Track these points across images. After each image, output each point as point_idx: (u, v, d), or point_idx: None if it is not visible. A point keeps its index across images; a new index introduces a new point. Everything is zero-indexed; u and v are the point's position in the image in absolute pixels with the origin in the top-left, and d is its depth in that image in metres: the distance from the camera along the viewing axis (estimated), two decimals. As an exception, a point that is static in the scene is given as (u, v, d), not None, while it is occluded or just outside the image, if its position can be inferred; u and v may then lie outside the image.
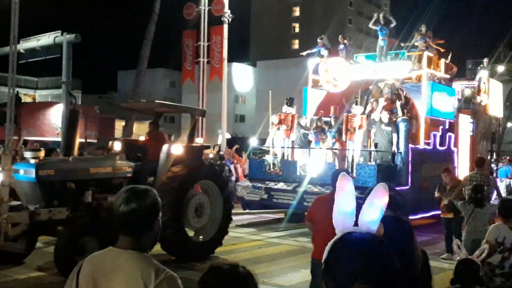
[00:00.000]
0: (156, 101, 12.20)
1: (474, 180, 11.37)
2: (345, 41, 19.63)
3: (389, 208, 1.96)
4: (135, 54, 30.91)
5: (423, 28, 18.02)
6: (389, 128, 15.61)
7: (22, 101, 41.53)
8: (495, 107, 21.85)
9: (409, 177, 15.96)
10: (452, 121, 18.67)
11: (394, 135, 15.74)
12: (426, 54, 17.40)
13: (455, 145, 18.81)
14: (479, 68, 21.52)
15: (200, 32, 26.64)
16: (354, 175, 15.33)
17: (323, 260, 1.78)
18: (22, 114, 36.01)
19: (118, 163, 10.75)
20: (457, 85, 20.53)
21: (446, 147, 18.22)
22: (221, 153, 21.72)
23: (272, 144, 17.38)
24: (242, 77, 72.72)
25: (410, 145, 16.16)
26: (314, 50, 19.74)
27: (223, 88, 26.73)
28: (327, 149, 16.33)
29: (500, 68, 56.48)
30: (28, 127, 37.61)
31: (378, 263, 1.71)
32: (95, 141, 43.25)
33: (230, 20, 26.18)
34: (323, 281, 1.76)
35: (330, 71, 18.26)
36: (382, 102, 16.34)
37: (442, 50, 18.64)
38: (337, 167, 15.91)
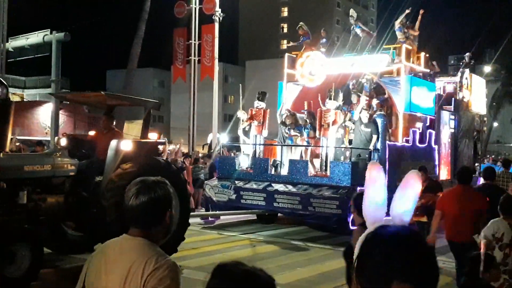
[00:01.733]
0: (102, 92, 10.89)
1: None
2: (327, 35, 18.52)
3: None
4: (124, 53, 30.45)
5: (403, 19, 16.77)
6: (369, 129, 14.41)
7: (11, 100, 40.11)
8: (477, 104, 20.74)
9: (386, 175, 14.76)
10: (433, 117, 17.51)
11: (375, 136, 14.57)
12: (405, 46, 16.20)
13: (436, 142, 17.66)
14: (461, 63, 20.36)
15: (191, 31, 26.13)
16: (328, 173, 14.14)
17: (355, 257, 1.62)
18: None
19: (59, 160, 9.47)
20: (439, 81, 19.37)
21: (426, 144, 17.06)
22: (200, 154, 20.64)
23: (243, 140, 16.12)
24: (231, 76, 71.59)
25: (387, 142, 14.99)
26: (299, 42, 18.57)
27: (214, 87, 26.05)
28: (294, 145, 15.13)
29: (487, 69, 55.81)
30: (17, 127, 36.77)
31: (418, 259, 1.52)
32: (84, 139, 42.37)
33: (221, 18, 25.70)
34: (356, 279, 1.57)
35: (306, 65, 17.03)
36: (363, 100, 15.10)
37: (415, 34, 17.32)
38: (309, 165, 14.71)
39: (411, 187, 1.82)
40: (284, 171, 15.00)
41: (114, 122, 10.83)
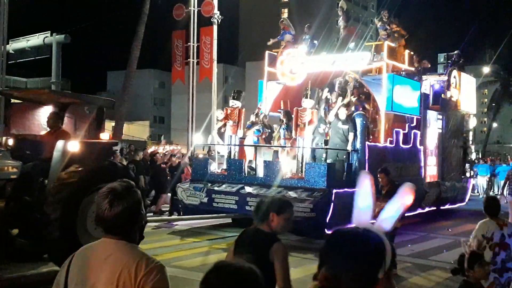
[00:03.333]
0: (46, 89, 10.10)
1: None
2: (310, 31, 17.69)
3: None
4: (124, 55, 29.87)
5: (385, 15, 15.91)
6: (346, 127, 13.57)
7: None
8: (467, 103, 19.83)
9: (366, 177, 13.91)
10: (418, 117, 16.65)
11: (351, 134, 13.73)
12: (387, 44, 15.33)
13: (422, 143, 16.79)
14: (450, 61, 19.47)
15: (189, 33, 25.89)
16: (303, 174, 13.30)
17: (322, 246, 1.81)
18: (11, 114, 34.10)
19: (-2, 162, 8.69)
20: (426, 80, 18.51)
21: (411, 145, 16.20)
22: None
23: (218, 141, 15.28)
24: (231, 77, 70.83)
25: (368, 143, 14.14)
26: (279, 38, 17.75)
27: (212, 89, 25.81)
28: (268, 146, 14.30)
29: (486, 69, 54.81)
30: (18, 127, 36.19)
31: (362, 261, 1.71)
32: (84, 140, 41.92)
33: (219, 21, 25.46)
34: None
35: (286, 63, 16.18)
36: (339, 99, 14.28)
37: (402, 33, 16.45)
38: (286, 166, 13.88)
39: (400, 198, 1.87)
40: (260, 173, 14.14)
41: (64, 121, 10.04)
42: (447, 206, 18.79)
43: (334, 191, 12.60)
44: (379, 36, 15.90)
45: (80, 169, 8.79)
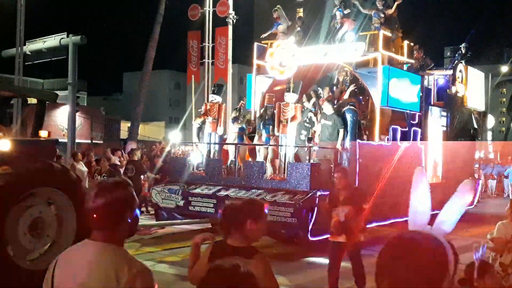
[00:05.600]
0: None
1: None
2: (302, 24, 16.32)
3: None
4: (140, 56, 30.10)
5: (379, 2, 14.38)
6: (330, 122, 12.14)
7: (28, 102, 39.42)
8: (474, 99, 18.18)
9: (356, 178, 12.44)
10: (419, 113, 15.11)
11: (341, 130, 12.28)
12: (382, 33, 13.82)
13: (423, 141, 15.23)
14: (456, 55, 17.85)
15: (204, 33, 25.35)
16: (285, 175, 11.88)
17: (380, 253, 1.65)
18: (28, 115, 33.71)
19: None
20: (431, 75, 16.97)
21: (410, 143, 14.65)
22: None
23: (198, 139, 13.90)
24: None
25: (359, 141, 12.66)
26: (273, 29, 16.42)
27: (228, 89, 24.64)
28: (244, 144, 12.92)
29: (504, 68, 52.67)
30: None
31: (428, 270, 1.57)
32: (100, 142, 41.50)
33: (234, 21, 24.79)
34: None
35: (276, 55, 14.73)
36: (326, 92, 12.83)
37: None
38: (268, 167, 12.48)
39: (461, 197, 1.76)
40: (239, 174, 12.75)
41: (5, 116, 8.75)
42: (452, 209, 17.18)
43: (319, 193, 11.18)
44: (373, 24, 14.36)
45: (7, 172, 7.49)
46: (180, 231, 13.14)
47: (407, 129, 14.68)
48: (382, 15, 14.14)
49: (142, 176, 15.24)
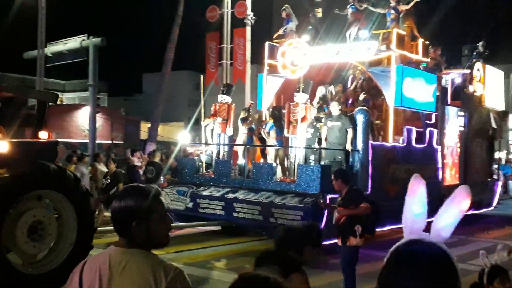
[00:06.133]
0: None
1: None
2: (316, 21, 15.99)
3: None
4: (159, 57, 29.46)
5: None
6: (338, 123, 11.80)
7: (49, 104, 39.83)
8: (493, 99, 17.66)
9: (369, 180, 12.10)
10: (435, 113, 14.69)
11: (350, 130, 11.92)
12: (396, 31, 13.43)
13: (439, 142, 14.81)
14: (474, 54, 17.36)
15: (223, 35, 25.07)
16: (295, 178, 11.57)
17: (382, 267, 1.57)
18: (50, 116, 34.12)
19: None
20: (448, 74, 16.53)
21: (426, 144, 14.26)
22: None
23: (208, 139, 13.65)
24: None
25: (371, 142, 12.30)
26: (283, 28, 16.13)
27: (246, 90, 24.92)
28: (253, 145, 12.62)
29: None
30: (56, 129, 36.14)
31: (440, 282, 1.49)
32: (121, 142, 41.62)
33: (253, 22, 24.48)
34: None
35: (288, 54, 14.41)
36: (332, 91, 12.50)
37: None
38: (277, 169, 12.19)
39: (457, 203, 1.64)
40: (250, 175, 12.47)
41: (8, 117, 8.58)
42: (470, 212, 16.68)
43: (329, 196, 10.84)
44: (387, 21, 13.96)
45: (4, 174, 7.30)
46: (185, 233, 12.88)
47: (422, 129, 14.29)
48: (395, 12, 13.73)
49: (162, 178, 15.10)
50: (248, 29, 24.33)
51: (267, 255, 3.35)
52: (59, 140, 27.13)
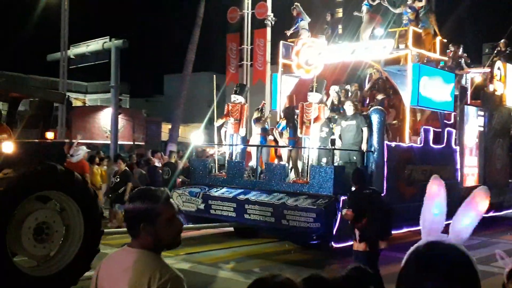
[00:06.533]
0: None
1: None
2: (332, 19, 15.72)
3: None
4: (180, 58, 29.97)
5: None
6: (353, 122, 11.53)
7: (73, 105, 40.51)
8: (515, 98, 17.19)
9: (384, 182, 11.79)
10: (454, 113, 14.32)
11: (365, 129, 11.64)
12: (412, 29, 13.09)
13: (458, 142, 14.43)
14: (495, 52, 16.92)
15: (243, 36, 25.07)
16: (308, 179, 11.33)
17: (400, 269, 1.56)
18: (73, 117, 34.90)
19: None
20: (468, 73, 16.13)
21: (444, 145, 13.90)
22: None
23: (222, 140, 13.47)
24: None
25: (387, 142, 12.00)
26: (294, 27, 15.92)
27: (266, 91, 24.29)
28: (268, 146, 12.37)
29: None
30: (79, 130, 36.50)
31: (460, 285, 1.47)
32: (142, 143, 41.84)
33: (273, 23, 24.30)
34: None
35: (302, 54, 14.17)
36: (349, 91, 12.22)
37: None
38: (290, 169, 11.96)
39: (475, 204, 1.64)
40: (263, 176, 12.25)
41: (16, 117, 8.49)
42: (490, 214, 16.23)
43: (342, 198, 10.59)
44: (403, 20, 13.65)
45: (9, 175, 7.19)
46: (196, 235, 12.71)
47: (440, 129, 13.94)
48: (412, 11, 13.40)
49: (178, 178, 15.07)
50: (269, 30, 24.22)
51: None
52: (82, 141, 27.46)
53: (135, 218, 2.51)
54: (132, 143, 39.77)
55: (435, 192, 1.69)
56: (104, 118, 37.81)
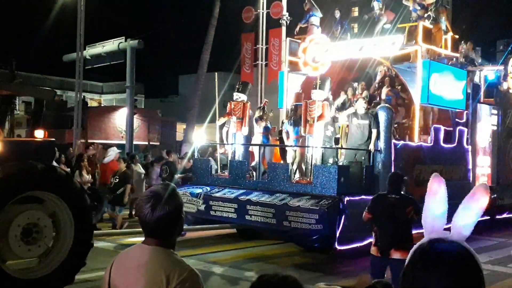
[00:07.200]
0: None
1: None
2: (341, 17, 15.31)
3: None
4: (195, 59, 29.64)
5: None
6: (366, 121, 11.09)
7: (88, 105, 40.71)
8: (529, 96, 16.59)
9: (391, 181, 11.31)
10: (466, 111, 13.80)
11: (374, 130, 11.19)
12: (422, 24, 12.60)
13: (470, 142, 13.91)
14: (509, 49, 16.36)
15: (258, 35, 24.88)
16: (311, 179, 10.91)
17: (405, 267, 1.55)
18: (88, 118, 35.09)
19: None
20: (481, 70, 15.60)
21: (455, 144, 13.39)
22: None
23: (223, 139, 13.09)
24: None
25: (394, 141, 11.54)
26: (304, 21, 15.53)
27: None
28: (270, 145, 11.97)
29: None
30: (94, 131, 36.66)
31: (466, 281, 1.48)
32: (157, 143, 41.81)
33: (288, 22, 24.01)
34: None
35: (309, 51, 13.72)
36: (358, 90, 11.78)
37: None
38: (294, 169, 11.55)
39: (476, 200, 1.63)
40: (265, 176, 11.85)
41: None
42: (504, 215, 15.67)
43: (347, 198, 10.17)
44: (413, 16, 13.17)
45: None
46: (196, 237, 12.34)
47: (451, 128, 13.44)
48: (421, 8, 12.92)
49: (176, 176, 14.75)
50: (284, 30, 23.95)
51: None
52: (97, 141, 27.36)
53: (168, 222, 2.49)
54: (147, 143, 39.69)
55: (436, 190, 1.71)
56: (120, 118, 37.79)
